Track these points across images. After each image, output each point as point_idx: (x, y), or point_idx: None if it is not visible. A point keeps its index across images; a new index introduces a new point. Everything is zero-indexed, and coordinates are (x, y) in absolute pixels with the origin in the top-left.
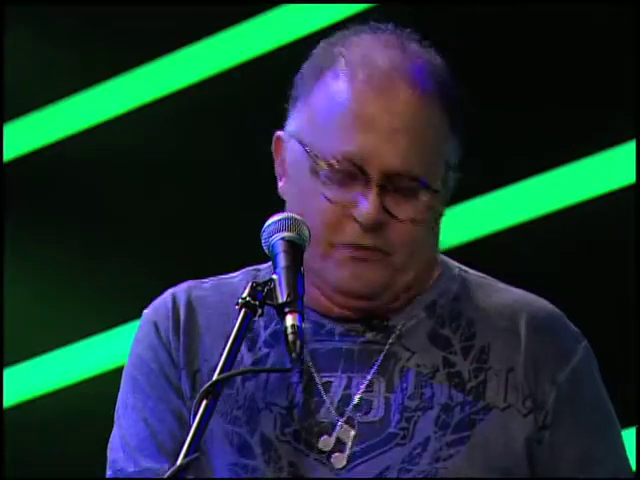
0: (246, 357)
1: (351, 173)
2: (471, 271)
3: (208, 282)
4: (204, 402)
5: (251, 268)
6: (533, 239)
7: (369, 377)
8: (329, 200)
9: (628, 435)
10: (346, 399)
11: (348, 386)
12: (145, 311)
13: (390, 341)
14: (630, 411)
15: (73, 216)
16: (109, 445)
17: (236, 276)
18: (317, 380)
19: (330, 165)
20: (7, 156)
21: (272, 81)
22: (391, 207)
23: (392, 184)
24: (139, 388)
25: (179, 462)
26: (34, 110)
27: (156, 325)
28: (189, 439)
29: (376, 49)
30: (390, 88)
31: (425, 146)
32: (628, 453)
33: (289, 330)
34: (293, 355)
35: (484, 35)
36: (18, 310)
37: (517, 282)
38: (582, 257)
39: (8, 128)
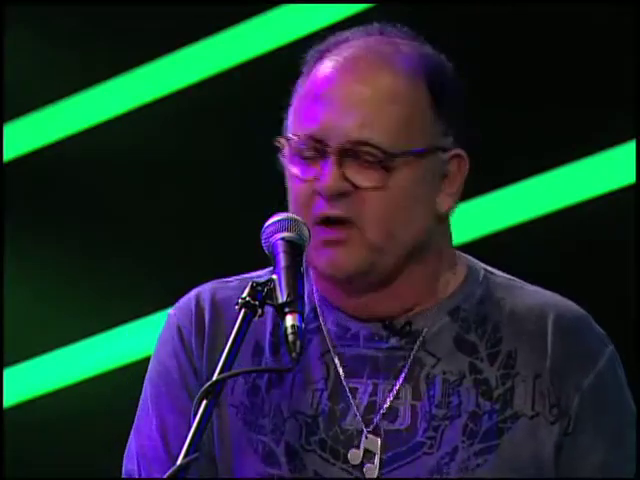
0: (270, 364)
1: (316, 149)
2: (498, 273)
3: (233, 281)
4: (204, 402)
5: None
6: (533, 239)
7: (395, 384)
8: (299, 178)
9: None
10: (372, 406)
11: (374, 393)
12: (170, 311)
13: (415, 347)
14: None
15: (73, 216)
16: (127, 450)
17: (262, 275)
18: (345, 385)
19: (289, 141)
20: (7, 156)
21: (272, 81)
22: (352, 176)
23: (353, 154)
24: (161, 398)
25: (179, 462)
26: (34, 110)
27: (180, 330)
28: (189, 439)
29: (355, 37)
30: (355, 64)
31: (390, 117)
32: None
33: (289, 330)
34: (293, 355)
35: (484, 35)
36: (18, 310)
37: None
38: (582, 257)
39: (8, 128)
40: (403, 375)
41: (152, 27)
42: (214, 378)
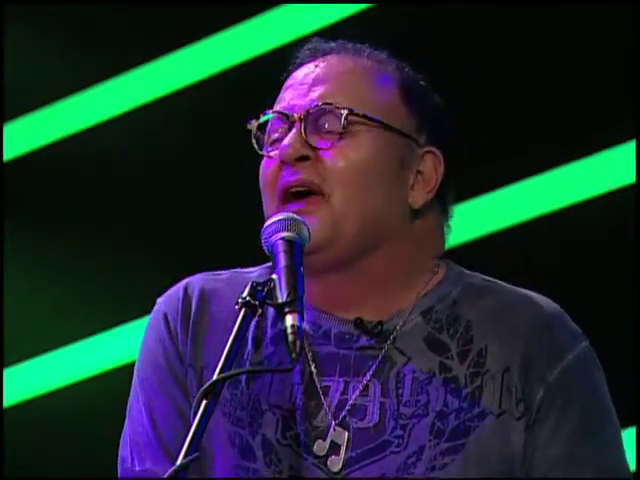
0: (253, 356)
1: (283, 123)
2: (477, 275)
3: (225, 274)
4: (204, 402)
5: (268, 265)
6: (533, 239)
7: (364, 381)
8: (268, 157)
9: (628, 435)
10: (342, 404)
11: (345, 391)
12: (158, 299)
13: (386, 345)
14: (629, 411)
15: (73, 216)
16: (121, 438)
17: (254, 271)
18: (317, 383)
19: (259, 121)
20: (7, 156)
21: (272, 81)
22: (315, 141)
23: (315, 119)
24: (149, 384)
25: (179, 462)
26: (34, 110)
27: (166, 316)
28: (189, 439)
29: (332, 45)
30: (325, 59)
31: (355, 89)
32: (627, 453)
33: (289, 330)
34: (293, 355)
35: (484, 35)
36: (18, 310)
37: (517, 282)
38: (582, 257)
39: (8, 128)
40: (372, 372)
41: (152, 27)
42: (214, 378)
